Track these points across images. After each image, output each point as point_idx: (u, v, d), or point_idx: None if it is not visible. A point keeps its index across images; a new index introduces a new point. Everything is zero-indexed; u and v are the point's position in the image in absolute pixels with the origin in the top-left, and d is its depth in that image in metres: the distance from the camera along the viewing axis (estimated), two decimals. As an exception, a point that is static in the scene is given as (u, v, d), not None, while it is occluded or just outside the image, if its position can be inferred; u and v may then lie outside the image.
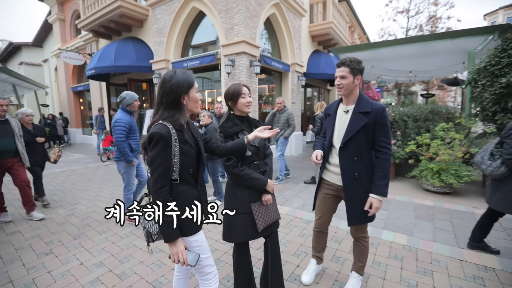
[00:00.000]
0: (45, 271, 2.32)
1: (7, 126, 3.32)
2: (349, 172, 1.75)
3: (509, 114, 4.14)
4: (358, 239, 1.93)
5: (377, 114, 1.66)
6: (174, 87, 1.27)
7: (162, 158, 1.22)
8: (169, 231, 1.22)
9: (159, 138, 1.21)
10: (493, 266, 2.31)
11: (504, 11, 33.80)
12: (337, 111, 1.86)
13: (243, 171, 1.66)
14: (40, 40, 16.10)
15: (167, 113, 1.28)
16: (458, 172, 4.06)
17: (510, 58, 4.08)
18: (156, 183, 1.22)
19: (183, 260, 1.24)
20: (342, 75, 1.69)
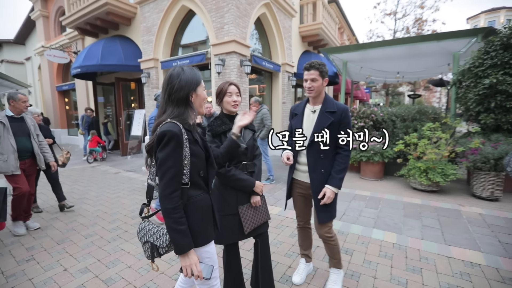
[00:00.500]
0: (26, 279, 2.21)
1: (23, 124, 3.08)
2: (316, 169, 1.81)
3: (492, 114, 4.28)
4: (325, 240, 1.94)
5: (342, 113, 1.77)
6: (183, 83, 1.20)
7: (175, 159, 1.12)
8: (182, 241, 1.11)
9: (171, 136, 1.10)
10: (478, 262, 2.36)
11: (486, 15, 35.17)
12: (304, 111, 1.92)
13: (230, 171, 1.62)
14: (23, 37, 15.51)
15: (177, 111, 1.19)
16: (444, 171, 4.16)
17: (493, 60, 4.23)
18: (167, 188, 1.11)
19: (197, 273, 1.13)
20: (313, 78, 1.77)
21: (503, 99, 4.07)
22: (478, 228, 3.04)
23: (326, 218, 1.86)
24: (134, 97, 9.79)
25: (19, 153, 2.96)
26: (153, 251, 1.19)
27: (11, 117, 3.01)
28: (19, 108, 3.02)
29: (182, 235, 1.11)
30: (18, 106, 3.01)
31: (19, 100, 3.00)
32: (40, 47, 11.77)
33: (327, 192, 1.75)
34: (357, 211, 3.62)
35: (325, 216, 1.85)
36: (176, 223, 1.11)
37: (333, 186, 1.76)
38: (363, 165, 5.32)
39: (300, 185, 1.97)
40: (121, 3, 7.56)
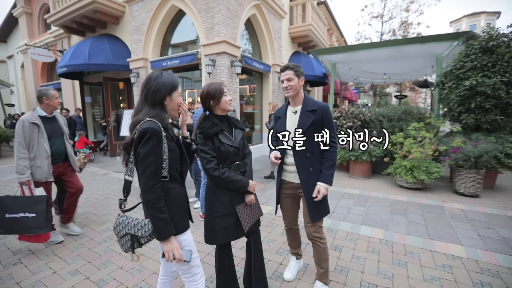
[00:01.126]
0: (13, 283, 2.16)
1: (56, 124, 2.77)
2: (304, 168, 1.84)
3: (472, 114, 4.48)
4: (313, 240, 1.93)
5: (323, 111, 1.82)
6: (160, 86, 1.29)
7: (156, 154, 1.22)
8: (165, 228, 1.22)
9: (153, 133, 1.20)
10: (460, 255, 2.49)
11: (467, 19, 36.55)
12: (287, 113, 1.95)
13: (224, 174, 1.61)
14: (4, 34, 14.98)
15: (153, 112, 1.29)
16: (428, 169, 4.33)
17: (473, 62, 4.42)
18: (149, 180, 1.21)
19: (178, 256, 1.24)
20: (289, 78, 1.82)
21: (482, 100, 4.27)
22: (460, 223, 3.19)
23: (319, 216, 1.88)
24: (123, 97, 9.63)
25: (53, 157, 2.68)
26: (134, 242, 1.28)
27: (43, 117, 2.67)
28: (52, 106, 2.69)
29: (164, 222, 1.22)
30: (52, 103, 2.68)
31: (53, 97, 2.67)
32: (23, 45, 11.42)
33: (321, 189, 1.78)
34: (346, 208, 3.72)
35: (318, 214, 1.87)
36: (159, 212, 1.21)
37: (325, 183, 1.79)
38: (352, 164, 5.45)
39: (287, 185, 1.98)
40: (109, 1, 7.43)
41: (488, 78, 4.23)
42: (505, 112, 4.39)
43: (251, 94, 8.56)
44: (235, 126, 1.77)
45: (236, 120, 1.82)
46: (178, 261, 1.25)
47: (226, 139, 1.65)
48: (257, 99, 8.62)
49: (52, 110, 2.75)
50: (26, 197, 2.47)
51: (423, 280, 2.13)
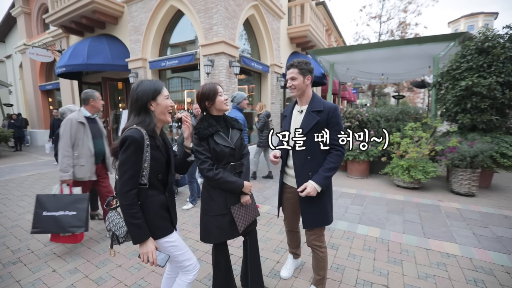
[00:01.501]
0: (13, 281, 2.18)
1: (97, 125, 2.85)
2: (303, 172, 1.74)
3: (468, 114, 4.53)
4: (313, 248, 1.87)
5: (329, 113, 1.69)
6: (140, 94, 1.33)
7: (132, 162, 1.25)
8: (137, 233, 1.25)
9: (132, 141, 1.24)
10: (454, 253, 2.53)
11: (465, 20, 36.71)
12: (293, 112, 1.89)
13: (218, 174, 1.62)
14: (2, 34, 14.92)
15: (138, 119, 1.33)
16: (425, 168, 4.37)
17: (469, 63, 4.47)
18: (124, 186, 1.24)
19: (152, 260, 1.26)
20: (292, 77, 1.75)
21: (478, 100, 4.32)
22: (455, 222, 3.23)
23: (311, 224, 1.78)
24: (122, 97, 9.63)
25: (95, 156, 2.76)
26: (113, 239, 1.36)
27: (87, 117, 2.76)
28: (96, 107, 2.79)
29: (137, 228, 1.24)
30: (97, 105, 2.78)
31: (97, 99, 2.77)
32: (21, 45, 11.40)
33: (308, 187, 1.65)
34: (344, 208, 3.75)
35: (310, 221, 1.78)
36: (132, 217, 1.24)
37: (316, 183, 1.65)
38: (350, 164, 5.49)
39: (289, 190, 1.94)
40: (108, 1, 7.44)
41: (484, 78, 4.27)
42: (501, 112, 4.44)
43: (250, 94, 8.58)
44: (232, 127, 1.78)
45: (234, 120, 1.83)
46: (151, 264, 1.27)
47: (221, 139, 1.66)
48: (255, 99, 8.64)
49: (95, 111, 2.85)
50: (67, 195, 2.53)
51: (418, 278, 2.17)
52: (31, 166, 7.17)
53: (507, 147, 4.23)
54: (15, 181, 5.51)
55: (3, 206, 4.02)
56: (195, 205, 3.89)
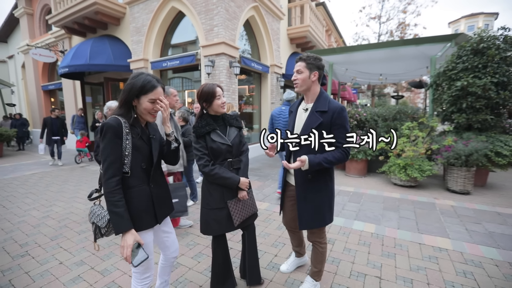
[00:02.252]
0: (22, 272, 2.28)
1: (172, 121, 2.90)
2: (302, 172, 1.68)
3: (464, 114, 4.62)
4: (314, 243, 1.89)
5: (334, 114, 1.61)
6: (129, 87, 1.32)
7: (110, 148, 1.24)
8: (118, 222, 1.22)
9: (108, 128, 1.24)
10: (446, 247, 2.62)
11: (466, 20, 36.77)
12: (298, 109, 1.82)
13: (213, 170, 1.69)
14: (5, 34, 15.06)
15: (119, 110, 1.33)
16: (421, 167, 4.46)
17: (464, 64, 4.56)
18: (105, 173, 1.24)
19: (125, 255, 1.21)
20: (298, 70, 1.68)
21: (473, 100, 4.41)
22: (449, 218, 3.32)
23: (306, 226, 1.77)
24: (123, 97, 9.73)
25: None
26: (96, 232, 1.34)
27: None
28: (171, 104, 2.90)
29: (118, 216, 1.22)
30: (171, 101, 2.90)
31: (171, 95, 2.88)
32: (24, 45, 11.52)
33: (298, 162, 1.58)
34: (341, 205, 3.84)
35: (306, 223, 1.76)
36: (113, 206, 1.22)
37: (309, 161, 1.57)
38: (348, 163, 5.57)
39: (290, 188, 1.92)
40: (110, 3, 7.56)
41: (479, 79, 4.36)
42: (495, 112, 4.53)
43: (250, 94, 8.69)
44: (230, 125, 1.86)
45: (233, 118, 1.90)
46: (125, 259, 1.22)
47: (218, 137, 1.75)
48: (255, 99, 8.74)
49: (171, 107, 2.99)
50: (171, 184, 2.73)
51: (410, 270, 2.26)
52: (34, 165, 7.28)
53: (501, 146, 4.32)
54: (19, 179, 5.61)
55: (9, 203, 4.12)
56: (196, 202, 3.98)
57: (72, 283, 2.13)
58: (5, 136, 8.82)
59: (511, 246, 2.63)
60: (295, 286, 2.06)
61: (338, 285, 2.08)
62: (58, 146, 7.14)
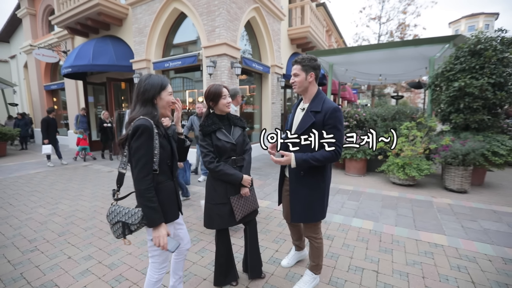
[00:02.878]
0: (33, 266, 2.37)
1: None
2: (294, 169, 1.74)
3: (462, 114, 4.70)
4: (309, 238, 1.97)
5: (326, 114, 1.67)
6: (148, 86, 1.42)
7: (145, 149, 1.34)
8: (154, 216, 1.34)
9: (144, 129, 1.32)
10: (441, 243, 2.70)
11: (466, 20, 36.79)
12: (297, 109, 1.92)
13: (218, 167, 1.80)
14: (7, 35, 15.16)
15: (145, 110, 1.41)
16: (419, 166, 4.54)
17: (462, 65, 4.64)
18: (140, 172, 1.32)
19: (163, 244, 1.35)
20: (295, 73, 1.77)
21: (470, 101, 4.49)
22: (446, 216, 3.41)
23: (297, 219, 1.85)
24: (125, 97, 9.83)
25: None
26: (125, 229, 1.40)
27: None
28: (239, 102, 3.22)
29: (154, 211, 1.34)
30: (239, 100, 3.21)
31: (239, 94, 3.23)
32: (27, 45, 11.61)
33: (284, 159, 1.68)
34: (340, 203, 3.93)
35: (297, 217, 1.84)
36: (149, 201, 1.33)
37: (295, 158, 1.66)
38: (347, 162, 5.66)
39: (287, 183, 1.98)
40: (113, 4, 7.64)
41: (476, 79, 4.44)
42: (492, 112, 4.60)
43: (251, 94, 8.77)
44: (235, 124, 1.97)
45: (237, 118, 2.02)
46: (162, 248, 1.35)
47: (223, 136, 1.85)
48: (256, 99, 8.83)
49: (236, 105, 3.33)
50: None
51: (406, 264, 2.34)
52: (37, 164, 7.37)
53: (498, 146, 4.40)
54: (24, 178, 5.71)
55: (16, 200, 4.21)
56: (188, 198, 4.17)
57: (81, 276, 2.22)
58: (9, 135, 8.92)
59: (505, 242, 2.71)
60: (296, 280, 2.14)
61: (337, 278, 2.17)
62: (57, 146, 7.31)
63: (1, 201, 4.20)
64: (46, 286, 2.09)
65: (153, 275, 1.51)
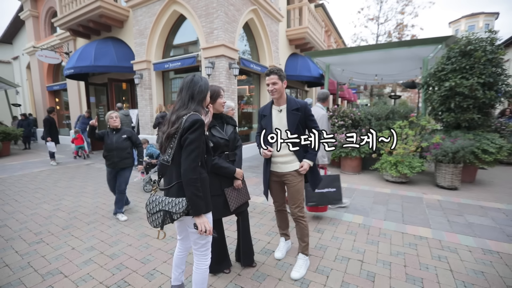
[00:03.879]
0: (39, 256, 2.53)
1: None
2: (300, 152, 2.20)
3: (453, 113, 4.82)
4: (298, 219, 2.23)
5: (305, 108, 2.14)
6: (203, 88, 1.57)
7: (200, 141, 1.44)
8: (201, 204, 1.42)
9: (201, 124, 1.43)
10: (426, 236, 2.84)
11: (466, 20, 36.78)
12: (272, 111, 2.22)
13: (214, 161, 1.95)
14: (10, 36, 15.40)
15: (197, 108, 1.53)
16: (411, 164, 4.67)
17: (453, 65, 4.76)
18: (193, 162, 1.40)
19: (209, 228, 1.45)
20: (274, 82, 2.07)
21: (461, 100, 4.61)
22: (433, 211, 3.54)
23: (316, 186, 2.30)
24: (126, 97, 10.01)
25: None
26: (165, 218, 1.48)
27: None
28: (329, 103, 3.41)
29: (201, 199, 1.43)
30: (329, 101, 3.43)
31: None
32: (30, 47, 11.80)
33: (304, 165, 2.13)
34: (333, 199, 4.06)
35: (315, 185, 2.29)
36: (198, 190, 1.42)
37: (310, 160, 2.14)
38: (343, 160, 5.79)
39: (275, 174, 2.26)
40: (114, 6, 7.82)
41: (466, 79, 4.57)
42: (482, 111, 4.73)
43: (250, 94, 8.92)
44: (227, 123, 2.15)
45: (229, 117, 2.19)
46: (208, 233, 1.45)
47: (217, 132, 2.02)
48: (255, 99, 8.97)
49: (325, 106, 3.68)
50: (328, 176, 3.31)
51: (390, 255, 2.48)
52: (41, 163, 7.54)
53: (488, 144, 4.52)
54: (28, 176, 5.87)
55: (21, 197, 4.38)
56: None
57: (84, 265, 2.37)
58: (13, 135, 9.10)
59: (487, 235, 2.85)
60: (285, 268, 2.29)
61: (323, 267, 2.31)
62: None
63: (7, 197, 4.37)
64: (52, 274, 2.25)
65: (204, 262, 1.61)
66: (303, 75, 9.94)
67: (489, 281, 2.08)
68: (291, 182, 2.20)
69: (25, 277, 2.20)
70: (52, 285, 2.10)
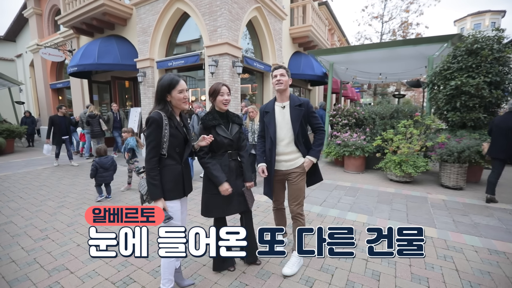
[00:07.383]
0: (45, 252, 2.55)
1: None
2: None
3: (458, 112, 4.78)
4: (296, 217, 2.23)
5: (307, 106, 2.22)
6: (159, 88, 1.73)
7: (153, 135, 1.64)
8: (153, 191, 1.65)
9: (153, 121, 1.65)
10: (431, 235, 2.82)
11: (472, 18, 36.40)
12: (275, 108, 2.27)
13: (206, 164, 1.97)
14: (13, 34, 15.44)
15: (159, 106, 1.73)
16: (416, 163, 4.64)
17: (459, 64, 4.72)
18: (148, 154, 1.65)
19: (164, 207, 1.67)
20: (282, 73, 2.16)
21: (466, 99, 4.57)
22: (438, 211, 3.52)
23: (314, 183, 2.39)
24: (129, 95, 10.02)
25: None
26: (143, 199, 1.83)
27: None
28: None
29: (155, 187, 1.65)
30: None
31: None
32: (34, 44, 11.85)
33: (307, 161, 2.21)
34: (337, 198, 4.05)
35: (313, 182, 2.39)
36: (151, 179, 1.65)
37: (313, 157, 2.22)
38: (346, 159, 5.77)
39: (279, 173, 2.28)
40: (118, 4, 7.81)
41: (472, 78, 4.52)
42: (488, 111, 4.68)
43: (253, 93, 8.90)
44: (233, 121, 2.13)
45: (235, 116, 2.18)
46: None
47: (222, 131, 2.02)
48: (258, 97, 8.96)
49: None
50: None
51: (395, 254, 2.46)
52: (45, 160, 7.59)
53: (493, 144, 4.47)
54: (32, 173, 5.91)
55: (25, 194, 4.41)
56: None
57: (90, 261, 2.38)
58: (16, 132, 9.16)
59: (493, 235, 2.82)
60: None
61: (328, 265, 2.31)
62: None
63: (12, 194, 4.40)
64: (58, 270, 2.26)
65: None
66: (307, 74, 9.90)
67: (495, 281, 2.06)
68: (294, 179, 2.22)
69: (31, 273, 2.22)
70: (58, 281, 2.12)
